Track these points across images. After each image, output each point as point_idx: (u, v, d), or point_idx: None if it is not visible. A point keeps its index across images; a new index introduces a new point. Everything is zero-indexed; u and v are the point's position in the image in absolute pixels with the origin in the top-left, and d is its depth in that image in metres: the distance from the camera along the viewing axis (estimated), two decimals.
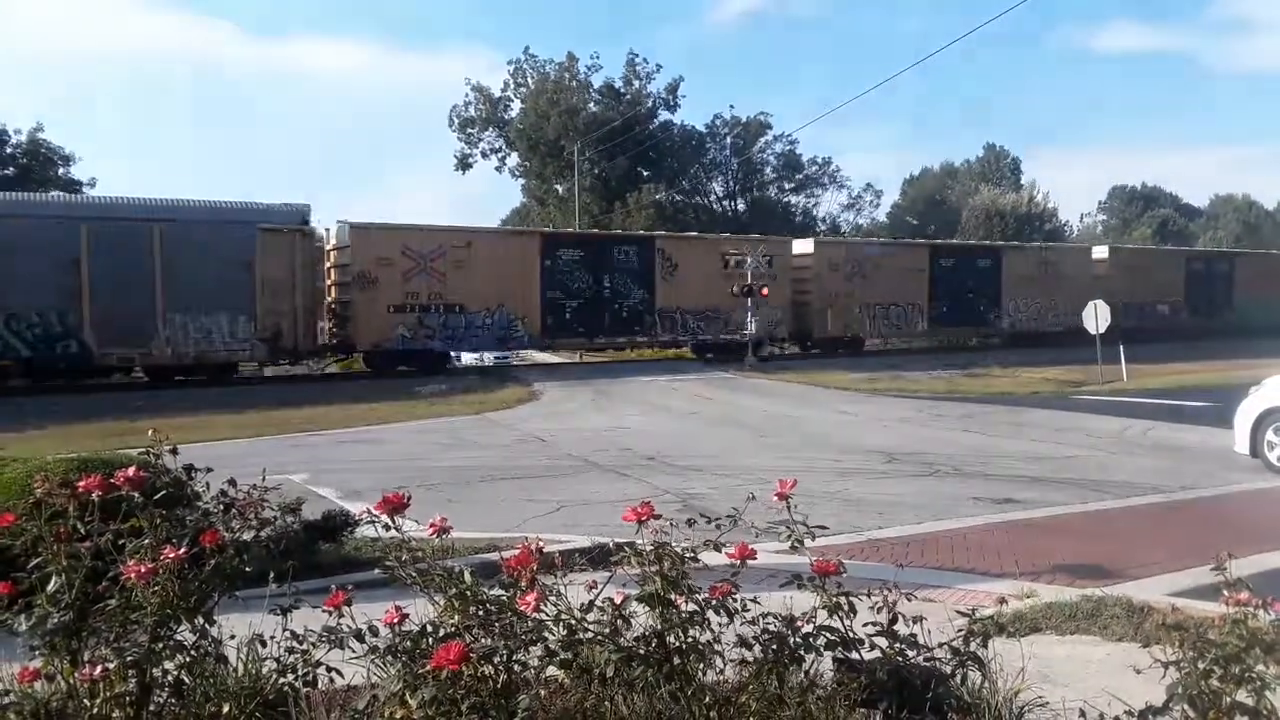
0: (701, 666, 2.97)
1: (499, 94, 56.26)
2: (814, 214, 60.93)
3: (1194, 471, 11.15)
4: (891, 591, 3.19)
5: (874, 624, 3.13)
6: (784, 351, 32.53)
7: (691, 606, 2.96)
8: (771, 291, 29.21)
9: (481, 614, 2.95)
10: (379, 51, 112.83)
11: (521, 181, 58.63)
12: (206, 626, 3.16)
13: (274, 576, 3.43)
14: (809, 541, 3.15)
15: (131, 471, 3.23)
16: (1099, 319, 23.85)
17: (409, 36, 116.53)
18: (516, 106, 55.92)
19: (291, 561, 3.79)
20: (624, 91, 55.23)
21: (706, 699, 2.95)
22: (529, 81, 55.33)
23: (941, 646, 3.13)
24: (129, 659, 2.95)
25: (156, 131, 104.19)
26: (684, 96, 56.50)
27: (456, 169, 57.73)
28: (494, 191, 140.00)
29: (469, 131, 57.00)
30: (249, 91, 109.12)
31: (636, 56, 55.46)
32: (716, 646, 3.00)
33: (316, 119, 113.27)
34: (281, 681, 3.16)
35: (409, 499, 3.22)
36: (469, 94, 56.55)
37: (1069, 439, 14.10)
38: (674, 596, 2.94)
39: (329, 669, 3.17)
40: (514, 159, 57.43)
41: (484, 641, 2.85)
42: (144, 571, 2.97)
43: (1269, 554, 6.86)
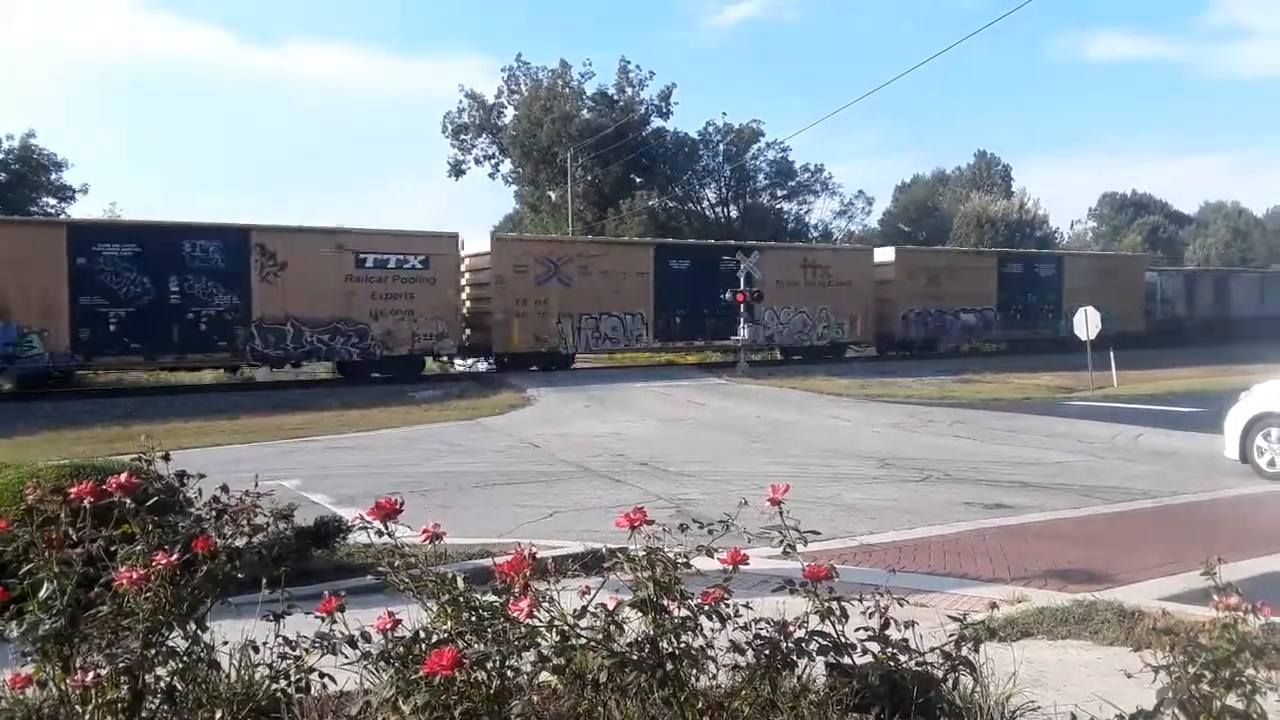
0: (694, 672, 2.98)
1: (492, 100, 56.35)
2: (806, 220, 61.09)
3: (1184, 477, 11.20)
4: (883, 596, 3.20)
5: (866, 629, 3.14)
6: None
7: (684, 612, 2.96)
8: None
9: (474, 620, 2.95)
10: (373, 57, 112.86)
11: (515, 188, 58.69)
12: (199, 633, 3.15)
13: (266, 582, 3.42)
14: (801, 547, 3.16)
15: (124, 478, 3.23)
16: (1089, 326, 23.93)
17: (403, 43, 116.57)
18: (510, 113, 56.00)
19: (284, 568, 3.77)
20: (617, 98, 55.26)
21: (699, 704, 2.96)
22: (522, 88, 55.38)
23: (933, 651, 3.14)
24: (121, 665, 2.94)
25: (151, 136, 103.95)
26: (677, 103, 56.32)
27: (450, 175, 57.75)
28: (486, 197, 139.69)
29: (462, 138, 56.99)
30: (242, 96, 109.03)
31: (629, 63, 55.58)
32: (709, 652, 3.00)
33: (309, 124, 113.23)
34: (274, 688, 3.15)
35: (402, 505, 3.23)
36: (462, 100, 56.54)
37: (1060, 444, 14.16)
38: (667, 602, 2.95)
39: (322, 675, 3.17)
40: (507, 165, 57.47)
41: (477, 647, 2.85)
42: (136, 578, 2.97)
43: (1259, 559, 6.91)
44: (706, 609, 2.99)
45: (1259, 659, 2.60)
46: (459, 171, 57.49)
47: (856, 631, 3.12)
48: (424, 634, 2.96)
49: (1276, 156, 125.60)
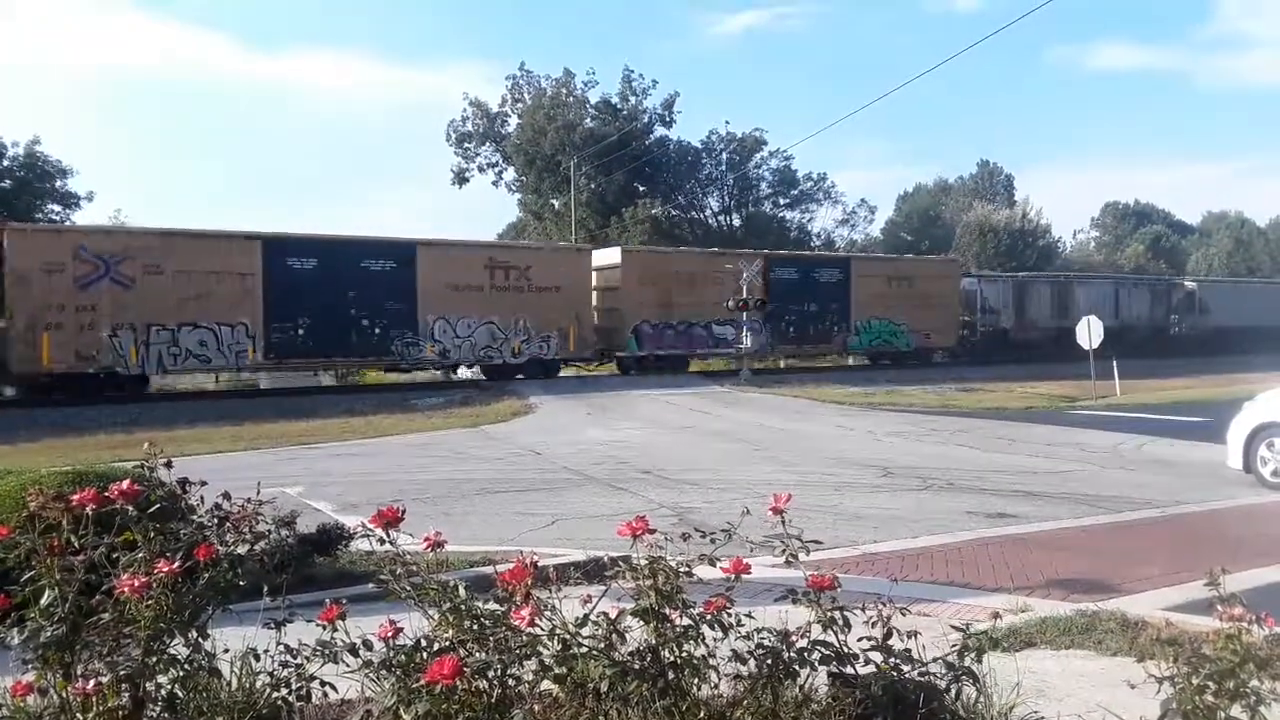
0: (696, 681, 2.96)
1: (496, 109, 56.53)
2: (809, 229, 61.14)
3: (1187, 486, 11.17)
4: (886, 606, 3.18)
5: (869, 639, 3.12)
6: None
7: (686, 621, 2.95)
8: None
9: (476, 628, 2.94)
10: (377, 66, 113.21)
11: (518, 196, 58.83)
12: (200, 640, 3.15)
13: (268, 590, 3.42)
14: (804, 556, 3.15)
15: (126, 485, 3.23)
16: (1091, 335, 23.89)
17: (407, 52, 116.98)
18: (514, 122, 56.16)
19: (286, 575, 3.78)
20: (620, 107, 55.44)
21: (701, 714, 2.95)
22: (526, 97, 55.57)
23: (936, 661, 3.12)
24: (122, 673, 2.94)
25: (154, 144, 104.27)
26: (680, 112, 56.62)
27: (453, 183, 57.97)
28: (489, 205, 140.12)
29: (466, 146, 57.18)
30: (245, 104, 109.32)
31: (633, 72, 55.78)
32: (711, 661, 2.99)
33: (311, 132, 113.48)
34: (275, 696, 3.15)
35: (404, 512, 3.22)
36: (466, 109, 56.80)
37: (1064, 453, 14.13)
38: (669, 611, 2.93)
39: (323, 683, 3.16)
40: (510, 173, 57.63)
41: (478, 656, 2.85)
42: (138, 585, 2.96)
43: (1263, 569, 6.88)
44: (709, 618, 2.98)
45: (1263, 670, 2.58)
46: (463, 179, 57.73)
47: (859, 641, 3.11)
48: (425, 642, 2.95)
49: (1278, 166, 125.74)
